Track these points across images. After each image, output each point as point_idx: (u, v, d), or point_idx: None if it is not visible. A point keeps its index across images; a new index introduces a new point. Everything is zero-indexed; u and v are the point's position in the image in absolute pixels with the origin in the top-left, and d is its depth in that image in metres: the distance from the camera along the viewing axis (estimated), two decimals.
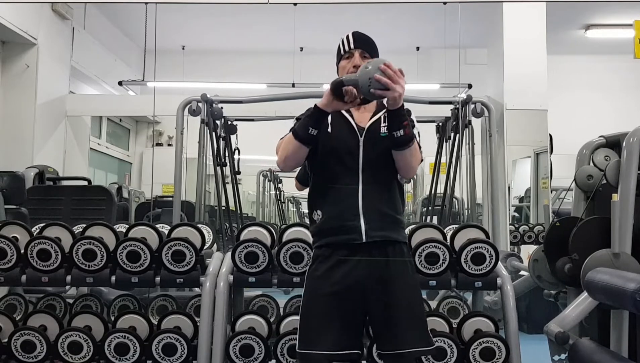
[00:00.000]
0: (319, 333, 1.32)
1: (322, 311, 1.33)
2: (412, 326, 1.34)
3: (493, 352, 1.73)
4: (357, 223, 1.34)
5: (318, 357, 1.32)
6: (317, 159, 1.42)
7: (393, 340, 1.33)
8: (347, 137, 1.41)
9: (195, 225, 2.01)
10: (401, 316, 1.33)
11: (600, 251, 1.72)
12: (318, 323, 1.33)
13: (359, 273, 1.33)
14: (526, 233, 3.86)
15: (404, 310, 1.34)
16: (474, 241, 1.77)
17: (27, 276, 1.83)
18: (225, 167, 3.55)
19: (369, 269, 1.34)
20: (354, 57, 1.43)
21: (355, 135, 1.41)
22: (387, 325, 1.33)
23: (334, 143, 1.40)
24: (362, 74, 1.28)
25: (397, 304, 1.33)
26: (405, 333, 1.32)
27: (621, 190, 1.74)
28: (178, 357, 1.79)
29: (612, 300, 1.50)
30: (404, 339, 1.32)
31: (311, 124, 1.33)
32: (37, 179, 3.41)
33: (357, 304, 1.34)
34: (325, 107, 1.33)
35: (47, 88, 4.36)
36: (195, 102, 3.33)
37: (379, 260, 1.35)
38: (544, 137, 3.74)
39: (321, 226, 1.39)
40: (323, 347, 1.31)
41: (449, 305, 2.04)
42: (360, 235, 1.34)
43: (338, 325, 1.32)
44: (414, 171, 1.40)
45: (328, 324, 1.32)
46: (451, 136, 3.43)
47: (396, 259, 1.36)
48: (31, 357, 1.79)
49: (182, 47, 5.90)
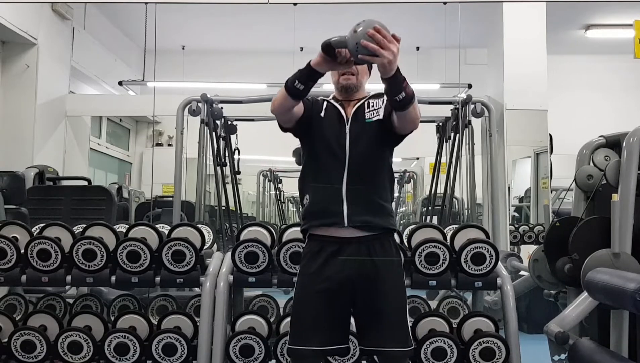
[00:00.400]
0: (310, 330, 1.35)
1: (312, 307, 1.37)
2: (394, 326, 1.37)
3: (493, 352, 1.73)
4: (340, 208, 1.37)
5: (309, 353, 1.35)
6: (308, 143, 1.46)
7: (375, 337, 1.37)
8: (335, 125, 1.45)
9: (195, 225, 2.01)
10: (384, 315, 1.36)
11: (600, 251, 1.72)
12: (309, 320, 1.36)
13: (347, 268, 1.36)
14: (526, 233, 3.85)
15: (387, 309, 1.37)
16: (474, 241, 1.78)
17: (27, 276, 1.83)
18: (225, 167, 3.55)
19: (357, 263, 1.36)
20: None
21: (342, 123, 1.45)
22: (370, 321, 1.37)
23: (324, 131, 1.44)
24: (350, 38, 1.21)
25: (382, 303, 1.37)
26: (387, 332, 1.36)
27: (621, 190, 1.74)
28: (178, 357, 1.79)
29: (612, 300, 1.50)
30: (385, 338, 1.35)
31: (299, 78, 1.32)
32: (37, 179, 3.41)
33: (346, 299, 1.38)
34: (318, 66, 1.31)
35: (47, 88, 4.35)
36: (195, 102, 3.33)
37: (367, 252, 1.37)
38: (544, 137, 3.74)
39: (308, 209, 1.43)
40: (313, 342, 1.34)
41: (449, 305, 2.04)
42: (342, 219, 1.37)
43: (328, 321, 1.36)
44: (418, 122, 1.38)
45: (318, 320, 1.35)
46: (451, 136, 3.42)
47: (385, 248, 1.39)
48: (31, 357, 1.79)
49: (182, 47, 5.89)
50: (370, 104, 1.46)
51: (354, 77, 1.45)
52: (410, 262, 1.77)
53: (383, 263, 1.38)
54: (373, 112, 1.44)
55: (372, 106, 1.45)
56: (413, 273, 1.78)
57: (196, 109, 3.33)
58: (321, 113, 1.45)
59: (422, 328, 1.80)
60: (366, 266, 1.37)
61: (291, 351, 1.40)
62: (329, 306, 1.36)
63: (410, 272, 1.78)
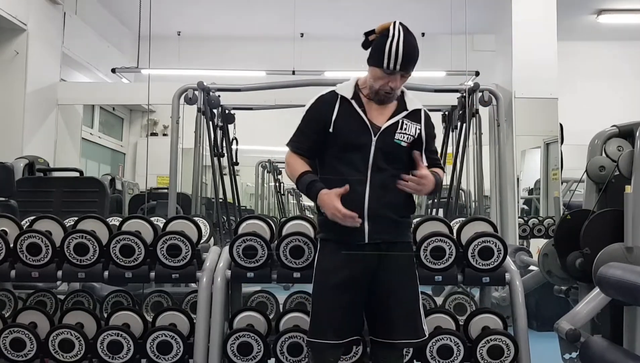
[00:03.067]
0: (327, 324, 1.39)
1: (329, 303, 1.39)
2: (405, 319, 1.42)
3: (501, 350, 1.69)
4: (362, 225, 1.37)
5: (326, 346, 1.40)
6: (324, 150, 1.41)
7: (387, 329, 1.40)
8: (358, 134, 1.38)
9: (192, 218, 1.97)
10: (398, 309, 1.40)
11: (613, 246, 1.68)
12: (326, 314, 1.40)
13: (363, 267, 1.39)
14: (536, 226, 3.83)
15: (399, 303, 1.41)
16: (482, 235, 1.74)
17: (16, 271, 1.79)
18: (222, 158, 3.49)
19: (372, 265, 1.39)
20: (395, 80, 1.36)
21: (368, 134, 1.38)
22: (383, 315, 1.41)
23: (344, 139, 1.38)
24: None
25: (392, 298, 1.40)
26: (400, 325, 1.40)
27: (635, 181, 1.71)
28: (174, 355, 1.74)
29: (625, 296, 1.47)
30: (398, 330, 1.40)
31: (305, 192, 1.40)
32: (27, 171, 3.35)
33: (361, 295, 1.40)
34: (322, 204, 1.35)
35: (37, 76, 4.27)
36: (192, 91, 3.27)
37: (382, 258, 1.40)
38: (554, 126, 3.68)
39: (327, 221, 1.41)
40: (331, 336, 1.39)
41: (455, 302, 2.01)
42: (363, 237, 1.39)
43: (344, 315, 1.39)
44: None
45: (335, 315, 1.39)
46: (458, 125, 3.35)
47: (398, 257, 1.42)
48: (21, 355, 1.74)
49: (177, 33, 5.79)
50: (404, 126, 1.40)
51: (392, 95, 1.38)
52: (415, 256, 1.72)
53: (398, 262, 1.42)
54: (404, 135, 1.41)
55: (405, 129, 1.40)
56: (418, 268, 1.73)
57: (192, 97, 3.26)
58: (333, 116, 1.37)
59: (428, 325, 1.73)
60: (382, 264, 1.40)
61: (310, 345, 1.44)
62: (344, 300, 1.38)
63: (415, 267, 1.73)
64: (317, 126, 1.39)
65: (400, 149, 1.40)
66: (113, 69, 5.25)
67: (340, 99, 1.40)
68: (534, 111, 3.78)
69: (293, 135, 1.44)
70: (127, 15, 5.39)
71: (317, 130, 1.39)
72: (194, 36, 5.83)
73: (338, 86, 1.43)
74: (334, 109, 1.39)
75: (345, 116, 1.38)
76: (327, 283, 1.39)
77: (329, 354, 1.42)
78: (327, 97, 1.42)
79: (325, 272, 1.41)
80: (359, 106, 1.39)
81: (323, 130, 1.38)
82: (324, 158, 1.42)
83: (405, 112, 1.41)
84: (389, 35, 1.33)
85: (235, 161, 3.61)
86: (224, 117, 3.54)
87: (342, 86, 1.42)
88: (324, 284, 1.40)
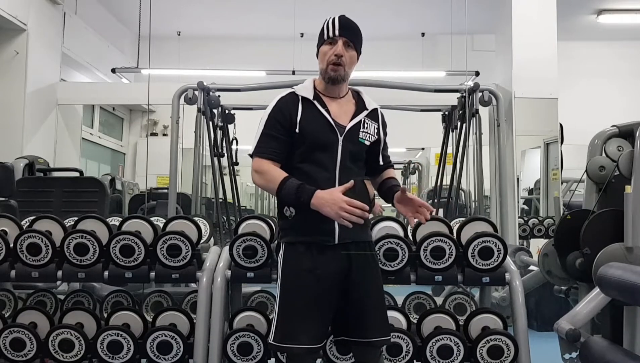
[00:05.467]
0: (303, 329, 1.34)
1: (306, 307, 1.35)
2: (379, 317, 1.40)
3: (501, 350, 1.69)
4: (332, 226, 1.35)
5: (304, 351, 1.35)
6: (290, 150, 1.39)
7: (363, 328, 1.38)
8: (324, 134, 1.38)
9: (192, 218, 1.96)
10: (370, 308, 1.39)
11: (613, 246, 1.68)
12: (302, 319, 1.35)
13: (335, 267, 1.37)
14: (536, 226, 3.81)
15: (372, 303, 1.40)
16: (482, 235, 1.73)
17: (16, 271, 1.79)
18: (222, 158, 3.48)
19: (344, 265, 1.38)
20: (337, 45, 1.38)
21: (334, 133, 1.38)
22: (358, 316, 1.38)
23: (311, 139, 1.37)
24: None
25: (367, 297, 1.39)
26: (375, 323, 1.39)
27: (635, 181, 1.70)
28: (173, 355, 1.74)
29: (625, 296, 1.46)
30: (373, 328, 1.38)
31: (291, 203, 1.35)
32: (27, 170, 3.35)
33: (330, 298, 1.37)
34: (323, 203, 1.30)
35: (37, 76, 4.26)
36: (192, 90, 3.27)
37: (352, 258, 1.39)
38: (554, 126, 3.67)
39: (293, 224, 1.39)
40: (307, 341, 1.34)
41: (455, 302, 2.00)
42: (333, 238, 1.36)
43: (322, 319, 1.37)
44: None
45: (312, 318, 1.35)
46: (458, 125, 3.35)
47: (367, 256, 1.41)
48: (21, 355, 1.74)
49: (177, 33, 5.79)
50: (365, 125, 1.43)
51: (341, 67, 1.38)
52: (415, 257, 1.73)
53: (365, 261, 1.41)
54: (367, 134, 1.43)
55: (367, 128, 1.43)
56: (418, 268, 1.74)
57: (192, 97, 3.26)
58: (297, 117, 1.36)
59: (428, 325, 1.76)
60: (349, 264, 1.39)
61: (278, 349, 1.40)
62: (314, 304, 1.35)
63: (415, 267, 1.74)
64: (283, 127, 1.37)
65: (363, 148, 1.42)
66: (113, 69, 5.25)
67: (302, 100, 1.39)
68: (534, 111, 3.77)
69: (258, 141, 1.38)
70: (127, 16, 5.39)
71: (283, 132, 1.37)
72: (194, 36, 5.83)
73: (296, 87, 1.43)
74: (297, 109, 1.38)
75: (309, 116, 1.37)
76: (301, 286, 1.35)
77: (309, 359, 1.38)
78: (288, 98, 1.40)
79: (297, 275, 1.36)
80: (322, 106, 1.39)
81: (289, 131, 1.37)
82: (289, 159, 1.39)
83: (366, 112, 1.43)
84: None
85: (235, 161, 3.61)
86: (224, 117, 3.54)
87: (300, 87, 1.42)
88: (297, 287, 1.36)
